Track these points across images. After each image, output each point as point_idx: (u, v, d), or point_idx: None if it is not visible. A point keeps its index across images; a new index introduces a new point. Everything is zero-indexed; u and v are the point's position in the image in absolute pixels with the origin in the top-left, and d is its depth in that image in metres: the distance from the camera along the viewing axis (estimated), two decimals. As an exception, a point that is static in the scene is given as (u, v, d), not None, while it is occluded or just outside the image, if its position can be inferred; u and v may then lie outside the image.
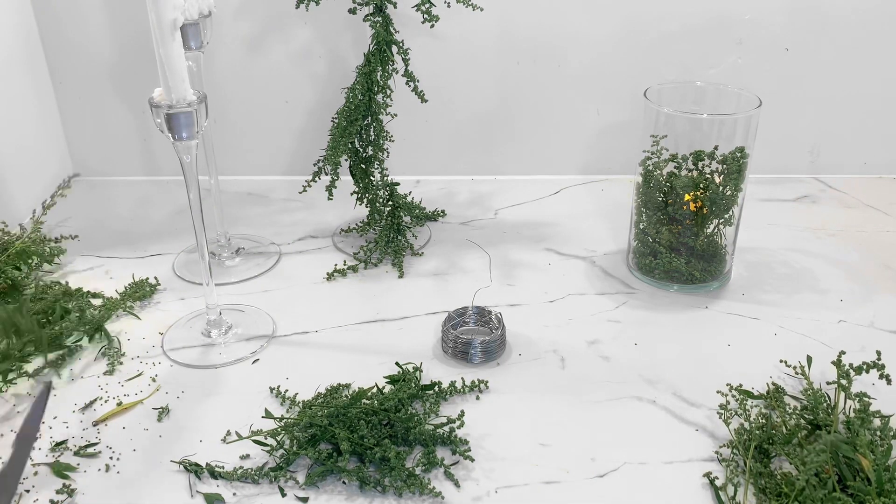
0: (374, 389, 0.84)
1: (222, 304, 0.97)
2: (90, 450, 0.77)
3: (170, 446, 0.78)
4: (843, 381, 0.76)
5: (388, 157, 1.10)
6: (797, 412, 0.78)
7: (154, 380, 0.87)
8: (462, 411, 0.81)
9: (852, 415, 0.76)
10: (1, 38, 1.18)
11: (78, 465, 0.76)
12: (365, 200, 1.12)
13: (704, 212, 0.98)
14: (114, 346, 0.92)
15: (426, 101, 1.06)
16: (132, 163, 1.35)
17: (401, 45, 1.04)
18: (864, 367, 0.75)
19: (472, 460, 0.76)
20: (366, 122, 1.07)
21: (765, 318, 0.97)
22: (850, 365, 0.76)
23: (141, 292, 1.01)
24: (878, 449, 0.71)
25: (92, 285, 1.03)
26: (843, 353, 0.79)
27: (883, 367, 0.75)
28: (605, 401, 0.84)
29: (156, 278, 1.05)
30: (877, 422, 0.74)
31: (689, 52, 1.24)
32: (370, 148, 1.09)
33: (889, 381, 0.75)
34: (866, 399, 0.75)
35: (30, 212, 1.15)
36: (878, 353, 0.76)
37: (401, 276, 1.07)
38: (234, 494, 0.73)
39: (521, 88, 1.28)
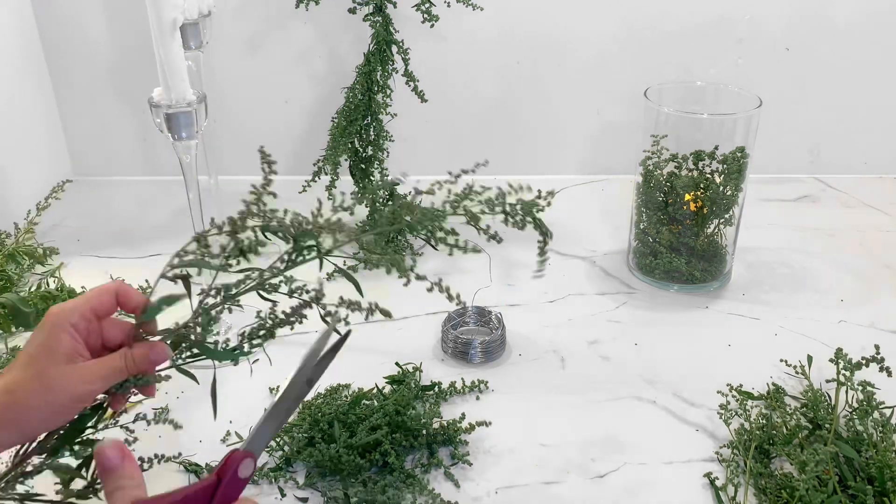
0: (375, 390, 0.84)
1: (222, 304, 0.97)
2: (90, 450, 0.77)
3: (169, 447, 0.78)
4: (845, 373, 0.75)
5: (387, 157, 1.10)
6: (797, 411, 0.78)
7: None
8: (463, 414, 0.81)
9: (855, 405, 0.76)
10: (1, 39, 1.18)
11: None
12: (365, 200, 1.12)
13: (704, 212, 0.98)
14: None
15: (426, 100, 1.06)
16: (132, 163, 1.35)
17: (401, 44, 1.04)
18: (864, 361, 0.75)
19: (470, 464, 0.76)
20: (366, 121, 1.07)
21: (765, 318, 0.97)
22: (850, 360, 0.76)
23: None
24: (879, 444, 0.71)
25: (92, 285, 1.02)
26: (840, 348, 0.78)
27: (882, 360, 0.74)
28: (605, 401, 0.84)
29: (146, 281, 1.05)
30: (877, 415, 0.74)
31: (689, 52, 1.24)
32: (370, 148, 1.09)
33: (890, 374, 0.75)
34: (870, 388, 0.75)
35: (30, 211, 1.15)
36: (877, 346, 0.76)
37: (401, 276, 1.06)
38: (234, 495, 0.73)
39: (521, 88, 1.28)
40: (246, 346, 0.63)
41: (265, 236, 0.59)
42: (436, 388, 0.84)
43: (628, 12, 1.21)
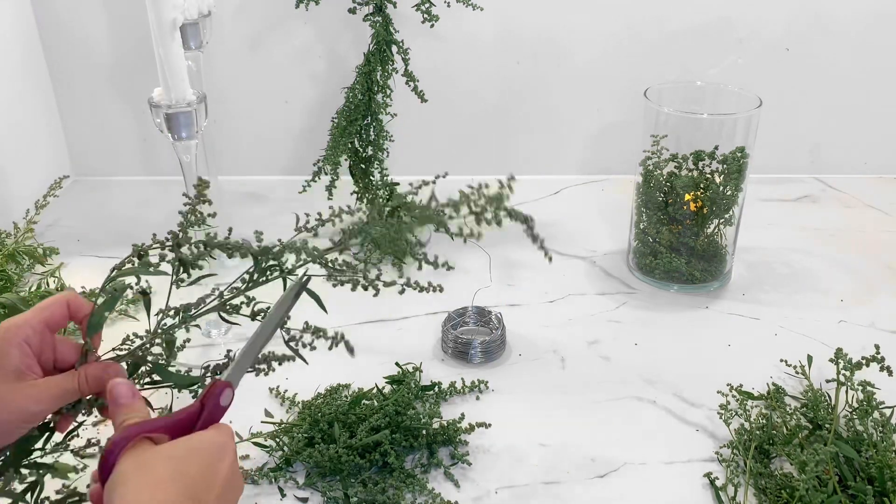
0: (375, 390, 0.84)
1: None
2: (90, 450, 0.77)
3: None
4: (845, 373, 0.75)
5: (387, 157, 1.10)
6: (797, 411, 0.78)
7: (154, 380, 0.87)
8: (463, 414, 0.81)
9: (855, 405, 0.76)
10: (1, 38, 1.18)
11: (77, 464, 0.76)
12: (365, 200, 1.12)
13: (704, 212, 0.98)
14: None
15: (426, 100, 1.06)
16: (132, 163, 1.35)
17: (401, 44, 1.04)
18: (864, 360, 0.75)
19: (470, 464, 0.76)
20: (366, 121, 1.07)
21: (765, 318, 0.97)
22: (850, 360, 0.76)
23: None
24: (879, 444, 0.70)
25: (92, 285, 1.02)
26: (840, 348, 0.78)
27: (883, 359, 0.74)
28: (605, 401, 0.84)
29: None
30: (877, 415, 0.74)
31: (689, 52, 1.24)
32: (370, 148, 1.09)
33: (890, 373, 0.75)
34: (870, 388, 0.75)
35: (28, 210, 1.15)
36: (877, 346, 0.76)
37: (401, 276, 1.06)
38: (234, 495, 0.73)
39: (521, 88, 1.28)
40: (209, 380, 0.62)
41: (208, 252, 0.59)
42: (436, 388, 0.84)
43: (628, 12, 1.21)
